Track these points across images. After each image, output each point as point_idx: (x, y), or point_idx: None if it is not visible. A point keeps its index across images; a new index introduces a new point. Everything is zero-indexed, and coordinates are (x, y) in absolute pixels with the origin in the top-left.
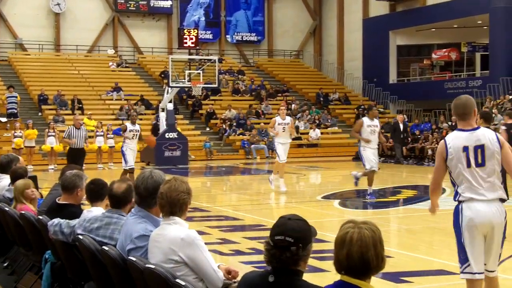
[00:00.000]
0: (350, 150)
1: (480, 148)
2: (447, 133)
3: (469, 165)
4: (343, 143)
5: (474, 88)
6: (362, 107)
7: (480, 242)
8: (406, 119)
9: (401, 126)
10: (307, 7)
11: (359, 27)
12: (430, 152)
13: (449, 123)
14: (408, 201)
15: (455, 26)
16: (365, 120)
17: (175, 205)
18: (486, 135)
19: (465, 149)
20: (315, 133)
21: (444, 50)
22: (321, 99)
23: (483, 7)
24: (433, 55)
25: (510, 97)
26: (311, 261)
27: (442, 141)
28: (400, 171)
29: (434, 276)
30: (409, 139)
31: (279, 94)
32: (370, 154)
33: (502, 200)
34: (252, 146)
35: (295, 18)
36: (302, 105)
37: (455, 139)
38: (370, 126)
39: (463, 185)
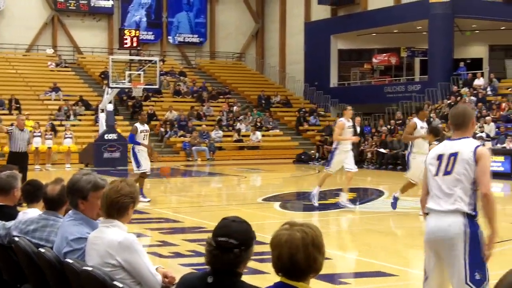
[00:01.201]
0: (291, 153)
1: (453, 156)
2: (386, 137)
3: (437, 173)
4: (284, 146)
5: (413, 93)
6: (303, 110)
7: (432, 261)
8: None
9: (358, 128)
10: (250, 10)
11: (301, 30)
12: (369, 155)
13: (388, 126)
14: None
15: (395, 31)
16: (417, 121)
17: (114, 207)
18: (465, 144)
19: (440, 157)
20: (255, 136)
21: (384, 54)
22: (263, 101)
23: (423, 13)
24: (374, 60)
25: (448, 101)
26: (252, 263)
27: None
28: (341, 174)
29: (372, 277)
30: (365, 141)
31: (221, 96)
32: (420, 164)
33: (469, 216)
34: (193, 148)
35: (237, 20)
36: (244, 107)
37: (437, 148)
38: (423, 128)
39: (430, 193)
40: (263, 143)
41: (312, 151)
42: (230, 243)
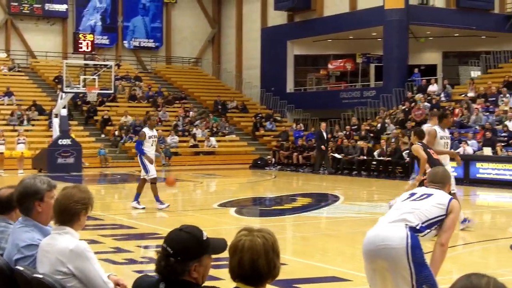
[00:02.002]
0: (248, 158)
1: (427, 195)
2: (342, 142)
3: (404, 200)
4: (241, 151)
5: (369, 99)
6: (260, 115)
7: (372, 274)
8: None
9: (325, 134)
10: (206, 15)
11: (257, 36)
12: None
13: (344, 132)
14: (303, 208)
15: (351, 37)
16: (438, 129)
17: (66, 213)
18: (440, 193)
19: (412, 194)
20: (211, 141)
21: (340, 60)
22: (219, 107)
23: (378, 20)
24: (329, 66)
25: (403, 107)
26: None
27: None
28: (296, 179)
29: (327, 283)
30: (329, 148)
31: (177, 101)
32: None
33: (413, 229)
34: None
35: (194, 25)
36: (201, 112)
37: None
38: (443, 138)
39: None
40: (219, 149)
41: (269, 157)
42: (167, 251)
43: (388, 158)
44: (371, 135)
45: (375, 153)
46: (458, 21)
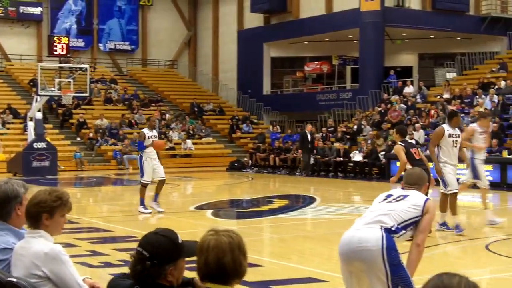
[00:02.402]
0: (224, 160)
1: (403, 197)
2: (318, 144)
3: (380, 202)
4: (217, 153)
5: (345, 100)
6: (237, 117)
7: (349, 275)
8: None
9: (309, 136)
10: (182, 18)
11: (234, 38)
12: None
13: (320, 133)
14: (280, 210)
15: (327, 39)
16: (446, 127)
17: (29, 217)
18: (416, 194)
19: (388, 196)
20: (187, 144)
21: (316, 62)
22: (196, 109)
23: (354, 22)
24: (306, 68)
25: (379, 109)
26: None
27: None
28: (273, 181)
29: (304, 284)
30: (315, 150)
31: (153, 104)
32: (451, 173)
33: (388, 230)
34: (125, 156)
35: (169, 28)
36: (177, 115)
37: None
38: (452, 136)
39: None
40: (196, 151)
41: (245, 159)
42: (143, 255)
43: (364, 160)
44: (348, 136)
45: (351, 154)
46: (434, 23)
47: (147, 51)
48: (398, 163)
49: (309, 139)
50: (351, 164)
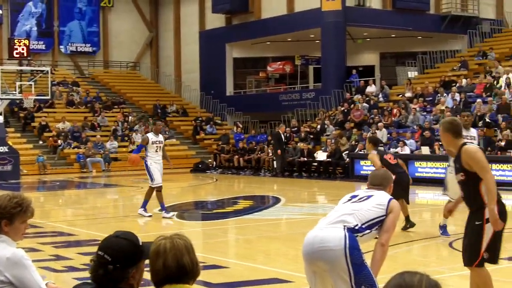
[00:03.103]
0: (188, 162)
1: (367, 197)
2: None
3: (345, 202)
4: (181, 155)
5: (308, 100)
6: (200, 118)
7: (313, 275)
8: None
9: (283, 137)
10: (143, 19)
11: (196, 39)
12: (266, 162)
13: (284, 134)
14: (244, 211)
15: (289, 39)
16: None
17: None
18: (380, 194)
19: (353, 196)
20: None
21: (279, 63)
22: (159, 111)
23: (316, 22)
24: (268, 68)
25: (342, 108)
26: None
27: None
28: (238, 182)
29: (268, 284)
30: (288, 150)
31: (116, 106)
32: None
33: (351, 229)
34: (88, 159)
35: (131, 29)
36: (140, 117)
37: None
38: (466, 138)
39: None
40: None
41: (209, 160)
42: (105, 259)
43: (328, 159)
44: (311, 136)
45: (315, 154)
46: (395, 22)
47: (108, 53)
48: (362, 163)
49: (283, 139)
50: (315, 163)
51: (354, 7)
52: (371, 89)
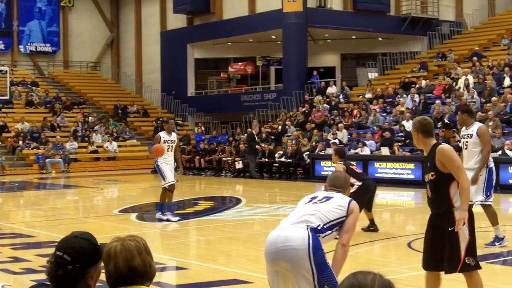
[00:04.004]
0: (149, 163)
1: (327, 198)
2: (244, 145)
3: (305, 203)
4: (142, 156)
5: (269, 101)
6: (161, 119)
7: (275, 276)
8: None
9: (256, 138)
10: (104, 19)
11: (157, 39)
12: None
13: (245, 135)
14: (205, 212)
15: (251, 40)
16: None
17: None
18: (340, 196)
19: (313, 198)
20: (112, 146)
21: (240, 63)
22: (119, 111)
23: (277, 23)
24: (230, 69)
25: (303, 109)
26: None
27: None
28: (199, 183)
29: (228, 285)
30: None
31: (76, 106)
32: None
33: (314, 229)
34: (47, 160)
35: (92, 29)
36: (100, 117)
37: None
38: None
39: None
40: (120, 154)
41: None
42: (64, 259)
43: (289, 160)
44: (272, 137)
45: (276, 155)
46: (355, 24)
47: (68, 53)
48: (322, 163)
49: (256, 141)
50: (276, 164)
51: (315, 9)
52: (331, 90)
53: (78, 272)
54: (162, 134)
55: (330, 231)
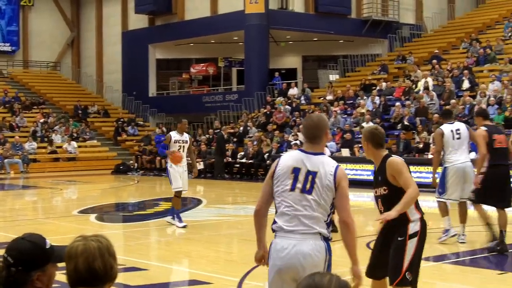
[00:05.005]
0: (110, 163)
1: (312, 175)
2: (206, 146)
3: (292, 188)
4: (102, 156)
5: (231, 102)
6: (122, 120)
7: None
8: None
9: (225, 138)
10: (65, 18)
11: (118, 39)
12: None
13: (207, 135)
14: (166, 213)
15: (213, 41)
16: (444, 128)
17: None
18: (323, 163)
19: (295, 170)
20: (71, 146)
21: (202, 64)
22: (80, 111)
23: (239, 24)
24: (192, 69)
25: (264, 111)
26: (62, 279)
27: (278, 158)
28: (160, 183)
29: (187, 286)
30: (227, 151)
31: (35, 107)
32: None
33: (327, 239)
34: (6, 160)
35: (52, 28)
36: (60, 117)
37: (289, 158)
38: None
39: (280, 209)
40: (80, 154)
41: (131, 161)
42: (8, 261)
43: (250, 161)
44: (234, 138)
45: (238, 156)
46: (317, 26)
47: (28, 53)
48: None
49: (225, 141)
50: (237, 165)
51: (277, 10)
52: (293, 91)
53: (21, 275)
54: (173, 134)
55: (329, 217)
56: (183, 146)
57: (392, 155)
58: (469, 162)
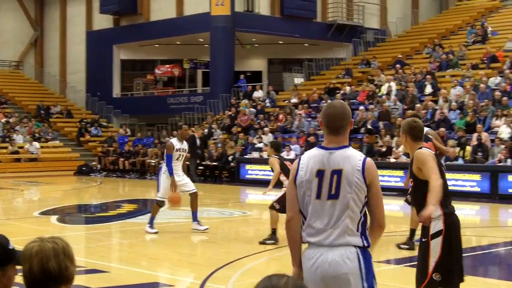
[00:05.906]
0: (72, 164)
1: (337, 174)
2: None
3: (318, 196)
4: (65, 157)
5: (196, 104)
6: (85, 120)
7: None
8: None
9: (198, 141)
10: (28, 17)
11: (82, 40)
12: (152, 165)
13: (171, 137)
14: (128, 215)
15: (178, 43)
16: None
17: None
18: (348, 157)
19: (320, 173)
20: (33, 147)
21: (167, 66)
22: (42, 112)
23: (205, 26)
24: (157, 71)
25: (229, 113)
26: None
27: (297, 159)
28: (123, 185)
29: None
30: (204, 154)
31: None
32: None
33: (361, 247)
34: None
35: (15, 28)
36: (22, 118)
37: (310, 159)
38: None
39: (307, 221)
40: (42, 155)
41: (94, 163)
42: None
43: (214, 163)
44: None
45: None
46: (282, 29)
47: None
48: (247, 167)
49: (198, 144)
50: (202, 167)
51: (243, 13)
52: (258, 94)
53: None
54: (175, 142)
55: (365, 227)
56: (182, 155)
57: (423, 148)
58: None
